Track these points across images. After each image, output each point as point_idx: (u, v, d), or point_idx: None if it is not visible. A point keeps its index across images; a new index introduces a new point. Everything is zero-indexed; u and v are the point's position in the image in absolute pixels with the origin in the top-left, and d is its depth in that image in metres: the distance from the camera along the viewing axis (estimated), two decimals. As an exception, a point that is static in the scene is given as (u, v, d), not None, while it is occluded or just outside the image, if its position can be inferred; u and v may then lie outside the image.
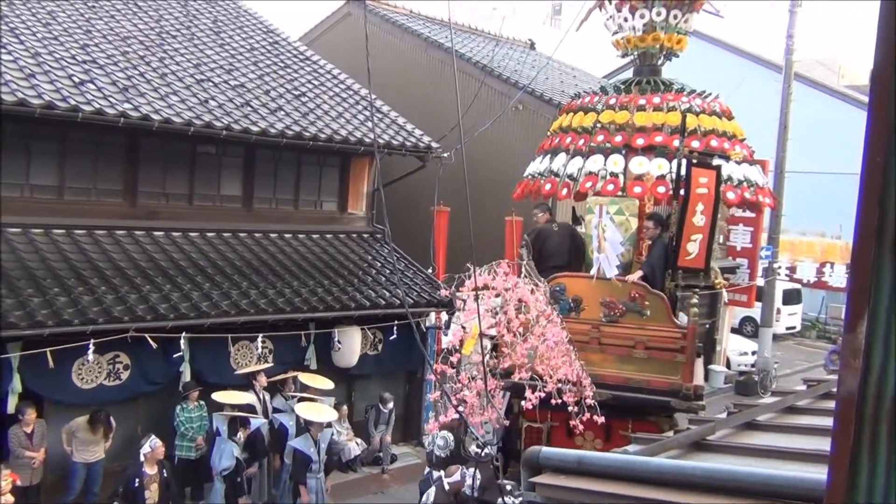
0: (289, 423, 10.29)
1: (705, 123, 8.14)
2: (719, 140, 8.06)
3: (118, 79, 11.11)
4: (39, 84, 9.84)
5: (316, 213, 13.65)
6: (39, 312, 8.52)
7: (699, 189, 7.24)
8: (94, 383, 9.37)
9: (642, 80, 8.73)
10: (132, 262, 10.30)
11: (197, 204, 12.12)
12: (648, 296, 7.61)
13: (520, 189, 9.24)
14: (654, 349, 7.55)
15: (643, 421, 7.52)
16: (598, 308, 7.82)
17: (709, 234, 7.28)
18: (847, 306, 1.28)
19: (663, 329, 7.54)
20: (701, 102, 8.38)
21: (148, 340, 9.18)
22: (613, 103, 8.59)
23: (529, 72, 17.36)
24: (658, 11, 8.43)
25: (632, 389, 7.50)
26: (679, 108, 8.23)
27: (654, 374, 7.52)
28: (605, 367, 7.59)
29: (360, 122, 13.63)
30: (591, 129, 8.54)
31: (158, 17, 14.48)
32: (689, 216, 7.24)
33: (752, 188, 8.00)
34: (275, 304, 10.48)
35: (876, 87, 1.23)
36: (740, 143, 8.28)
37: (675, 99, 8.36)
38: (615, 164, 8.16)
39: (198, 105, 11.44)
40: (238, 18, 16.43)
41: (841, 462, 1.26)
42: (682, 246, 7.30)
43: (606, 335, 7.81)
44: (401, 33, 18.46)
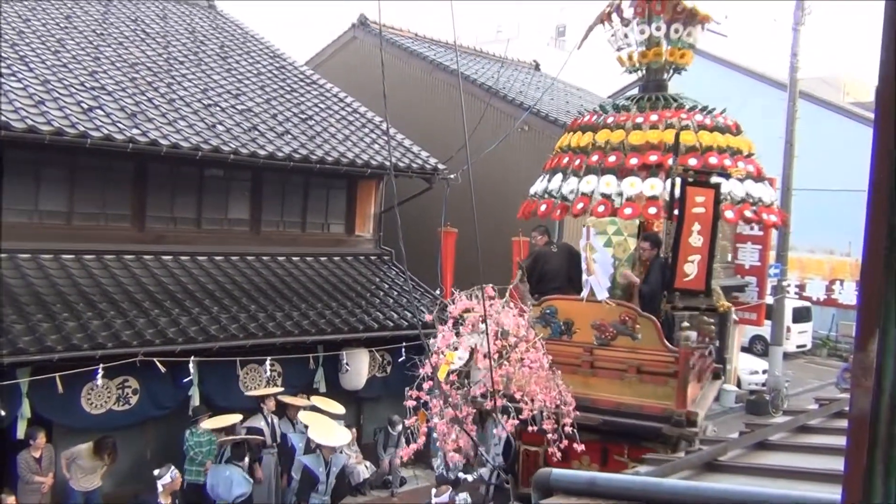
0: (298, 444, 10.28)
1: (704, 140, 7.94)
2: (719, 157, 7.83)
3: (126, 105, 11.21)
4: (49, 111, 9.94)
5: (323, 235, 13.69)
6: (49, 337, 8.54)
7: (695, 208, 7.09)
8: (103, 408, 9.36)
9: (649, 96, 8.55)
10: (141, 287, 10.33)
11: (205, 228, 12.17)
12: (639, 318, 7.43)
13: (521, 209, 9.22)
14: (646, 373, 7.37)
15: (639, 447, 7.27)
16: (590, 331, 7.66)
17: (708, 254, 7.10)
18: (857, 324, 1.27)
19: (655, 352, 7.35)
20: (702, 118, 8.20)
21: (157, 365, 9.18)
22: (611, 122, 8.50)
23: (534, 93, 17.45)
24: (658, 26, 8.39)
25: (624, 414, 7.31)
26: (676, 125, 8.03)
27: (647, 398, 7.33)
28: (598, 390, 7.41)
29: (366, 144, 13.70)
30: (587, 148, 8.47)
31: (166, 44, 14.63)
32: (685, 236, 7.06)
33: (755, 206, 7.80)
34: (283, 327, 10.48)
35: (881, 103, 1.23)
36: (746, 158, 8.06)
37: (673, 116, 8.15)
38: (607, 185, 7.99)
39: (205, 130, 11.53)
40: (245, 44, 16.59)
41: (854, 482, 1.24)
42: (679, 267, 7.13)
43: (598, 358, 7.63)
44: (406, 56, 18.59)
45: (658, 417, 7.11)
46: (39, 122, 9.57)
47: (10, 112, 9.47)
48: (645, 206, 7.74)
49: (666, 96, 8.53)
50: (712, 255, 7.17)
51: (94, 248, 10.80)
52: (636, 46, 8.61)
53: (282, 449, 10.31)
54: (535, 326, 7.21)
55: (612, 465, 7.28)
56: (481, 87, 16.67)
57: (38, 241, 10.34)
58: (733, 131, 8.28)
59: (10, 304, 8.96)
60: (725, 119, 8.37)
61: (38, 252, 10.26)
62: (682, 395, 7.07)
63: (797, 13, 18.42)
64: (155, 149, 10.48)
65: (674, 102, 8.41)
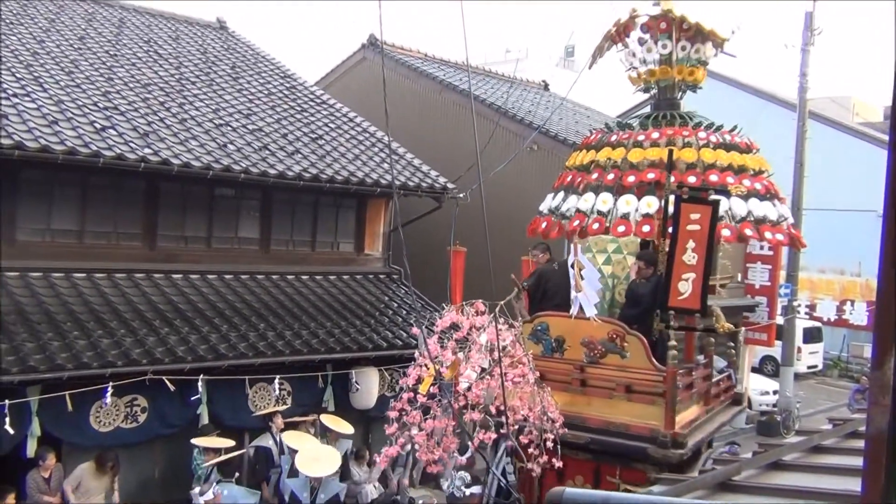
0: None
1: (706, 157, 7.87)
2: (721, 174, 7.76)
3: (139, 124, 11.31)
4: (62, 130, 10.03)
5: (332, 254, 13.72)
6: (59, 356, 8.57)
7: (690, 226, 6.93)
8: (111, 426, 9.36)
9: (660, 114, 8.51)
10: (151, 305, 10.36)
11: (215, 247, 12.22)
12: (627, 336, 7.35)
13: (529, 226, 9.23)
14: (634, 392, 7.28)
15: (630, 468, 7.20)
16: (581, 348, 7.60)
17: (703, 273, 6.93)
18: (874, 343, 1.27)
19: (643, 371, 7.25)
20: (706, 135, 8.09)
21: (166, 383, 9.19)
22: (613, 140, 8.51)
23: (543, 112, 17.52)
24: (664, 44, 8.37)
25: (612, 433, 7.21)
26: (677, 143, 7.98)
27: (635, 418, 7.22)
28: (588, 408, 7.33)
29: (376, 164, 13.76)
30: (589, 166, 8.47)
31: (178, 65, 14.77)
32: (679, 254, 6.93)
33: (759, 224, 7.66)
34: (292, 346, 10.48)
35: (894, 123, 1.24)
36: (754, 176, 8.00)
37: (675, 134, 8.10)
38: (603, 203, 7.98)
39: (216, 149, 11.61)
40: (256, 64, 16.73)
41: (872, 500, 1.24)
42: (673, 285, 6.98)
43: (588, 376, 7.56)
44: (416, 76, 18.70)
45: (645, 438, 7.00)
46: (53, 141, 9.66)
47: (24, 132, 9.57)
48: (639, 225, 7.71)
49: (677, 114, 8.46)
50: (708, 273, 7.01)
51: (105, 267, 10.85)
52: (645, 65, 8.62)
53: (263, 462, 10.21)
54: (528, 343, 7.23)
55: (605, 486, 7.20)
56: (491, 107, 16.75)
57: (49, 260, 10.40)
58: (741, 148, 8.16)
59: (21, 322, 9.00)
60: (733, 136, 8.25)
61: (49, 270, 10.32)
62: (670, 416, 6.94)
63: (806, 34, 18.46)
64: (166, 168, 10.55)
65: (681, 120, 8.34)
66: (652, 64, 8.53)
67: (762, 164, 8.15)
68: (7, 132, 9.38)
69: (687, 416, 7.34)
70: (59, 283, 10.22)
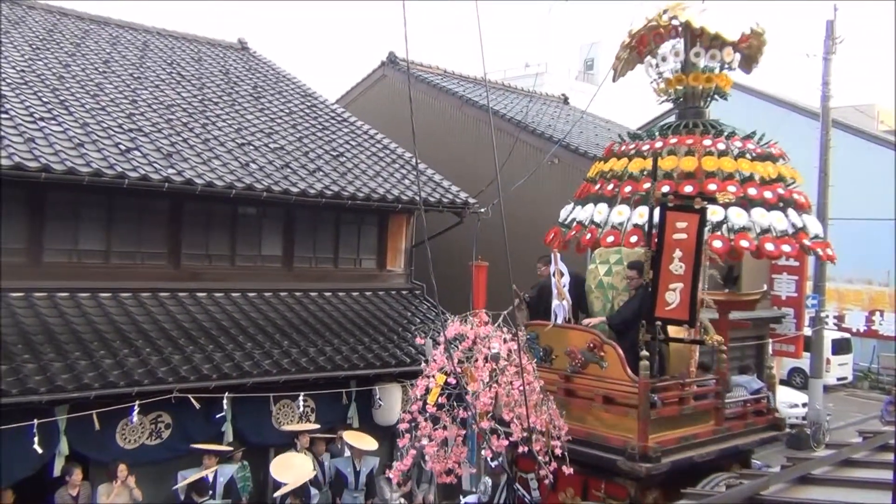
0: (346, 471, 10.49)
1: (707, 166, 7.65)
2: (721, 183, 7.51)
3: (163, 145, 11.45)
4: (88, 153, 10.18)
5: (355, 270, 13.76)
6: (86, 375, 8.65)
7: (676, 235, 6.78)
8: (136, 443, 9.43)
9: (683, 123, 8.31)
10: (176, 324, 10.45)
11: (239, 265, 12.32)
12: (604, 345, 7.24)
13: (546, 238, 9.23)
14: (611, 403, 7.16)
15: (612, 482, 7.07)
16: (566, 357, 7.55)
17: (691, 283, 6.80)
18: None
19: (618, 382, 7.13)
20: (711, 143, 7.86)
21: (191, 401, 9.24)
22: (618, 151, 8.46)
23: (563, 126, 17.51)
24: (677, 51, 8.25)
25: (591, 444, 7.10)
26: (677, 151, 7.81)
27: (613, 429, 7.10)
28: (572, 419, 7.22)
29: (397, 180, 13.82)
30: (594, 178, 8.43)
31: (201, 86, 14.96)
32: (665, 264, 6.81)
33: (758, 236, 7.31)
34: (315, 363, 10.51)
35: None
36: (763, 185, 7.61)
37: (679, 143, 7.94)
38: (598, 214, 7.94)
39: (239, 168, 11.72)
40: (277, 83, 16.90)
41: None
42: (660, 296, 6.86)
43: (572, 386, 7.52)
44: (435, 92, 18.80)
45: (618, 450, 6.89)
46: (79, 163, 9.80)
47: (50, 154, 9.72)
48: (627, 235, 7.63)
49: (705, 122, 8.30)
50: (696, 283, 6.82)
51: (130, 287, 10.96)
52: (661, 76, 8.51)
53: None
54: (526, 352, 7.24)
55: (592, 499, 7.11)
56: (510, 122, 16.78)
57: (76, 280, 10.53)
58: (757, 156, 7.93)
59: (48, 342, 9.12)
60: (745, 143, 7.98)
61: (76, 290, 10.44)
62: (642, 428, 6.78)
63: (827, 42, 18.34)
64: (190, 188, 10.66)
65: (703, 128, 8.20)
66: (670, 73, 8.42)
67: (777, 172, 7.88)
68: (34, 155, 9.54)
69: (679, 433, 7.14)
70: (85, 302, 10.34)
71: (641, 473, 6.59)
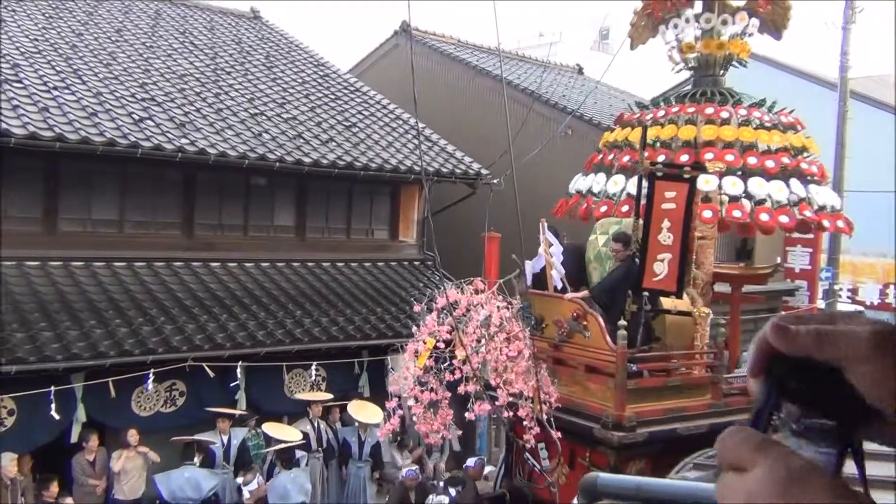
0: (351, 440, 10.64)
1: (705, 135, 7.57)
2: (719, 152, 7.44)
3: (175, 115, 11.45)
4: (101, 122, 10.20)
5: (367, 241, 13.79)
6: (102, 343, 8.76)
7: (665, 204, 6.70)
8: (151, 411, 9.56)
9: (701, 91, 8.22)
10: (190, 293, 10.52)
11: (251, 235, 12.36)
12: (587, 315, 7.24)
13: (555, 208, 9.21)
14: (594, 372, 7.20)
15: (596, 450, 7.11)
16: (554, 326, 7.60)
17: (679, 253, 6.72)
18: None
19: (598, 351, 7.16)
20: (714, 111, 7.71)
21: (205, 369, 9.33)
22: (628, 120, 8.41)
23: (578, 97, 17.34)
24: (686, 18, 8.12)
25: (575, 413, 7.17)
26: (677, 120, 7.74)
27: (595, 398, 7.15)
28: (560, 387, 7.28)
29: (409, 150, 13.77)
30: (600, 148, 8.42)
31: (213, 55, 14.90)
32: (654, 234, 6.74)
33: (757, 205, 7.24)
34: (328, 333, 10.57)
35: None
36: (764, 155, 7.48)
37: (681, 111, 7.84)
38: (597, 183, 7.97)
39: (252, 138, 11.71)
40: (290, 53, 16.81)
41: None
42: (648, 266, 6.80)
43: (560, 355, 7.58)
44: (448, 62, 18.63)
45: (596, 418, 6.95)
46: (93, 133, 9.83)
47: (64, 124, 9.75)
48: (620, 205, 7.58)
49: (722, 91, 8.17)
50: (685, 254, 6.77)
51: (144, 256, 11.03)
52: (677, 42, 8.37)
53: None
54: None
55: (578, 467, 7.17)
56: (524, 92, 16.63)
57: (91, 250, 10.60)
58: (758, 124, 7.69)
59: (64, 310, 9.21)
60: (750, 111, 7.80)
61: (91, 260, 10.52)
62: (619, 397, 6.80)
63: (847, 12, 18.03)
64: (203, 158, 10.68)
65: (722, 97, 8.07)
66: (691, 39, 8.26)
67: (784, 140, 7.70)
68: (48, 124, 9.57)
69: (666, 405, 7.13)
70: (100, 271, 10.42)
71: (614, 442, 6.66)
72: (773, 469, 0.56)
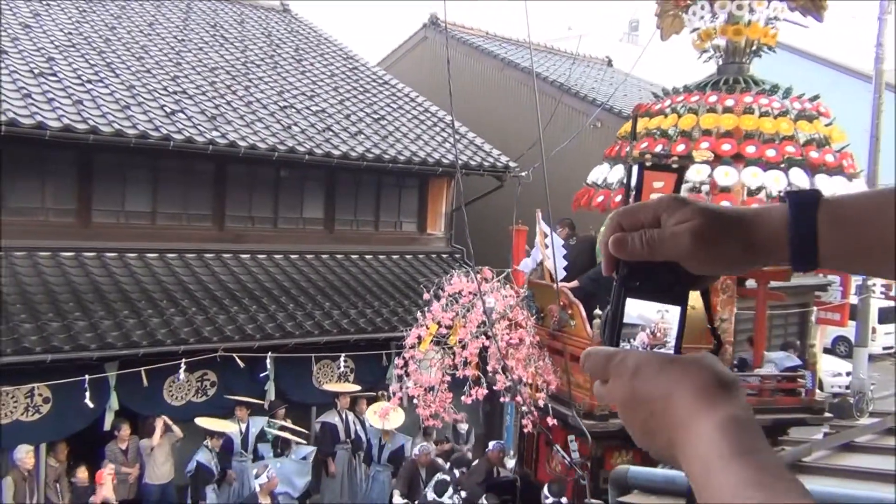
0: (373, 441, 10.62)
1: (704, 123, 7.45)
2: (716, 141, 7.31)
3: (207, 108, 11.56)
4: (134, 115, 10.33)
5: (395, 234, 13.83)
6: (135, 333, 8.89)
7: (653, 195, 6.66)
8: (183, 400, 9.69)
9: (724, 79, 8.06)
10: (220, 284, 10.64)
11: (281, 227, 12.46)
12: (572, 305, 7.36)
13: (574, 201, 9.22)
14: (576, 361, 7.11)
15: (581, 439, 7.20)
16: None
17: None
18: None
19: (580, 339, 7.29)
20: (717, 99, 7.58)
21: (235, 360, 9.44)
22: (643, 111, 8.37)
23: (607, 89, 17.24)
24: (722, 4, 7.93)
25: (562, 402, 7.31)
26: (679, 109, 7.68)
27: (580, 388, 7.25)
28: (557, 377, 7.42)
29: (438, 143, 13.78)
30: (618, 138, 8.48)
31: (244, 48, 15.01)
32: None
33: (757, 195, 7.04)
34: (356, 324, 10.64)
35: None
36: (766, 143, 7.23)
37: (685, 100, 7.77)
38: (602, 174, 8.05)
39: (281, 131, 11.80)
40: (319, 46, 16.89)
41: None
42: None
43: (556, 344, 7.70)
44: (477, 55, 18.60)
45: (575, 407, 7.06)
46: (126, 125, 9.97)
47: (98, 117, 9.90)
48: (614, 195, 7.61)
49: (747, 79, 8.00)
50: None
51: (176, 247, 11.17)
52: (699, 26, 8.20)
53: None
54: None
55: (569, 454, 7.28)
56: (553, 85, 16.56)
57: (124, 241, 10.77)
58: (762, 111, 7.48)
59: (98, 301, 9.36)
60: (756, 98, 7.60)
61: (124, 251, 10.68)
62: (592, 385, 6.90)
63: (883, 2, 17.69)
64: (233, 150, 10.78)
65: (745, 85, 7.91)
66: (715, 25, 8.08)
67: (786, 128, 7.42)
68: (82, 117, 9.72)
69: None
70: (133, 262, 10.57)
71: (586, 430, 6.72)
72: (621, 377, 0.75)
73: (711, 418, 0.66)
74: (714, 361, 0.72)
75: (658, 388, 0.71)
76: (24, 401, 8.53)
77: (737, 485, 0.60)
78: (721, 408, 0.67)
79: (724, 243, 0.76)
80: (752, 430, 0.66)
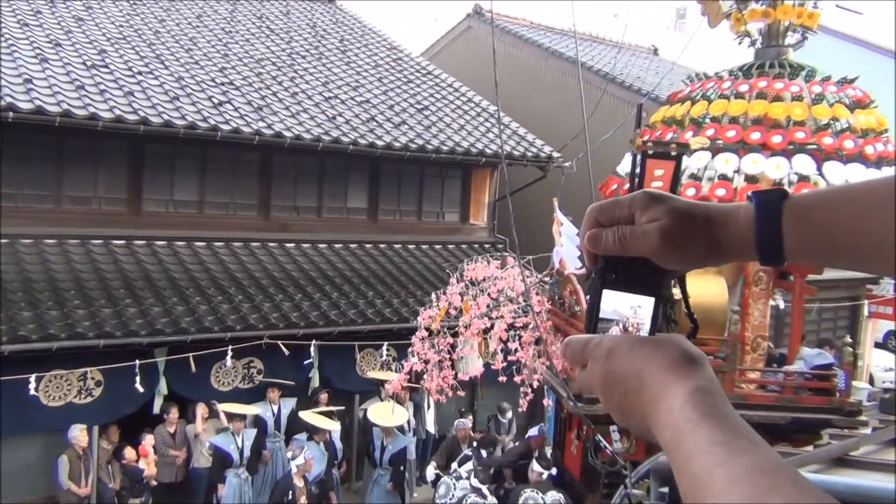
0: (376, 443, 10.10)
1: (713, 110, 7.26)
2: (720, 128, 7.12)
3: (253, 99, 11.72)
4: (183, 106, 10.52)
5: (438, 224, 13.87)
6: (183, 320, 9.09)
7: (654, 182, 6.48)
8: (230, 386, 9.87)
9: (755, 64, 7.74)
10: (266, 273, 10.81)
11: (325, 216, 12.59)
12: (576, 290, 7.35)
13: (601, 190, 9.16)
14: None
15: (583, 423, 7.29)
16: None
17: None
18: None
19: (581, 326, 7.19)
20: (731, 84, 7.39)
21: (280, 347, 9.59)
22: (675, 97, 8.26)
23: (653, 78, 17.02)
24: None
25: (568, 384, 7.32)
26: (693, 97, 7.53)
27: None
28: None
29: (481, 133, 13.77)
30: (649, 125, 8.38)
31: (289, 40, 15.16)
32: None
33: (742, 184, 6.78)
34: (399, 314, 10.71)
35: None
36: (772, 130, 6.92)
37: (701, 87, 7.59)
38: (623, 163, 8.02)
39: (326, 121, 11.90)
40: (363, 37, 16.97)
41: None
42: None
43: (571, 330, 7.53)
44: (521, 44, 18.51)
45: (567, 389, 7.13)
46: (175, 116, 10.16)
47: (148, 108, 10.10)
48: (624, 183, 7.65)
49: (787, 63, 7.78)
50: None
51: (223, 236, 11.38)
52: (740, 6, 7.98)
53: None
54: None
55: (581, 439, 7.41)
56: (597, 74, 16.40)
57: (173, 230, 11.00)
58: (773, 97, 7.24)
59: (148, 288, 9.59)
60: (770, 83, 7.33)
61: (173, 239, 10.91)
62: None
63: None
64: (279, 140, 10.92)
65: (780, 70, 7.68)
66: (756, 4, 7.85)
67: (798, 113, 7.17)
68: (133, 108, 9.93)
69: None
70: (181, 251, 10.79)
71: (574, 411, 6.81)
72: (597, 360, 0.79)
73: (680, 390, 0.71)
74: (681, 340, 0.77)
75: (630, 366, 0.76)
76: (77, 384, 8.79)
77: (702, 443, 0.65)
78: (689, 380, 0.71)
79: (691, 242, 0.80)
80: (717, 396, 0.70)
